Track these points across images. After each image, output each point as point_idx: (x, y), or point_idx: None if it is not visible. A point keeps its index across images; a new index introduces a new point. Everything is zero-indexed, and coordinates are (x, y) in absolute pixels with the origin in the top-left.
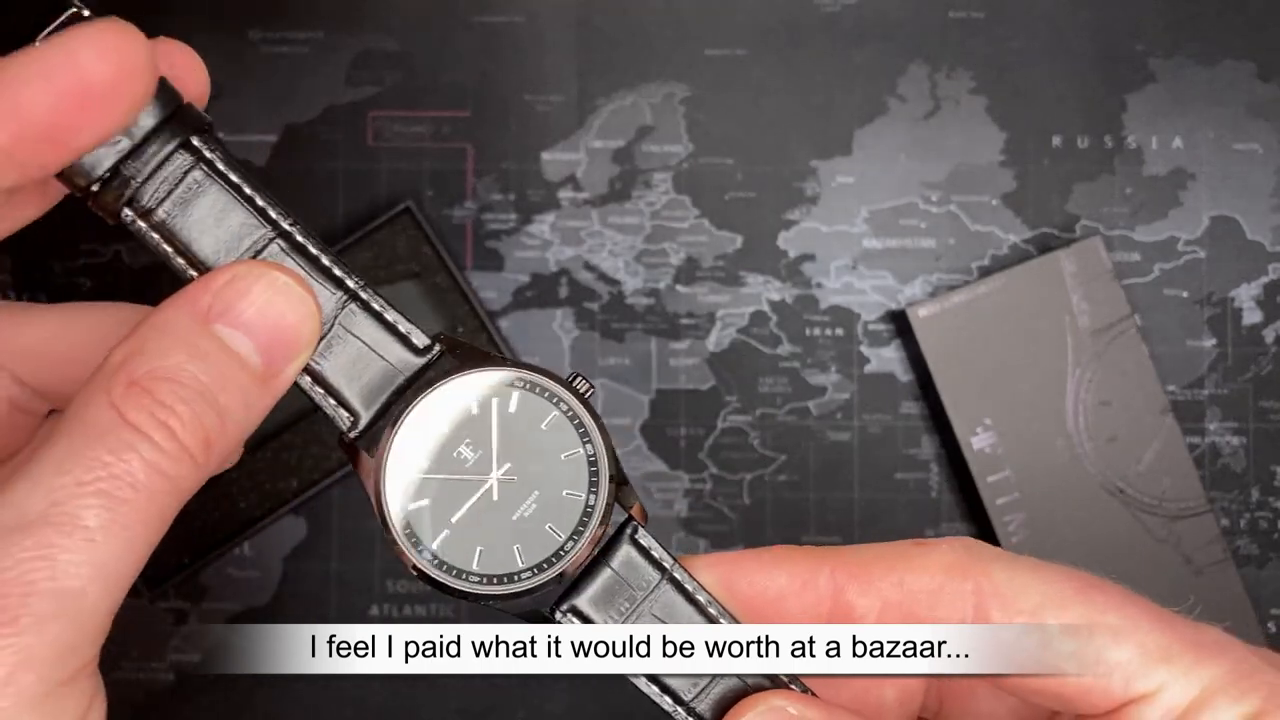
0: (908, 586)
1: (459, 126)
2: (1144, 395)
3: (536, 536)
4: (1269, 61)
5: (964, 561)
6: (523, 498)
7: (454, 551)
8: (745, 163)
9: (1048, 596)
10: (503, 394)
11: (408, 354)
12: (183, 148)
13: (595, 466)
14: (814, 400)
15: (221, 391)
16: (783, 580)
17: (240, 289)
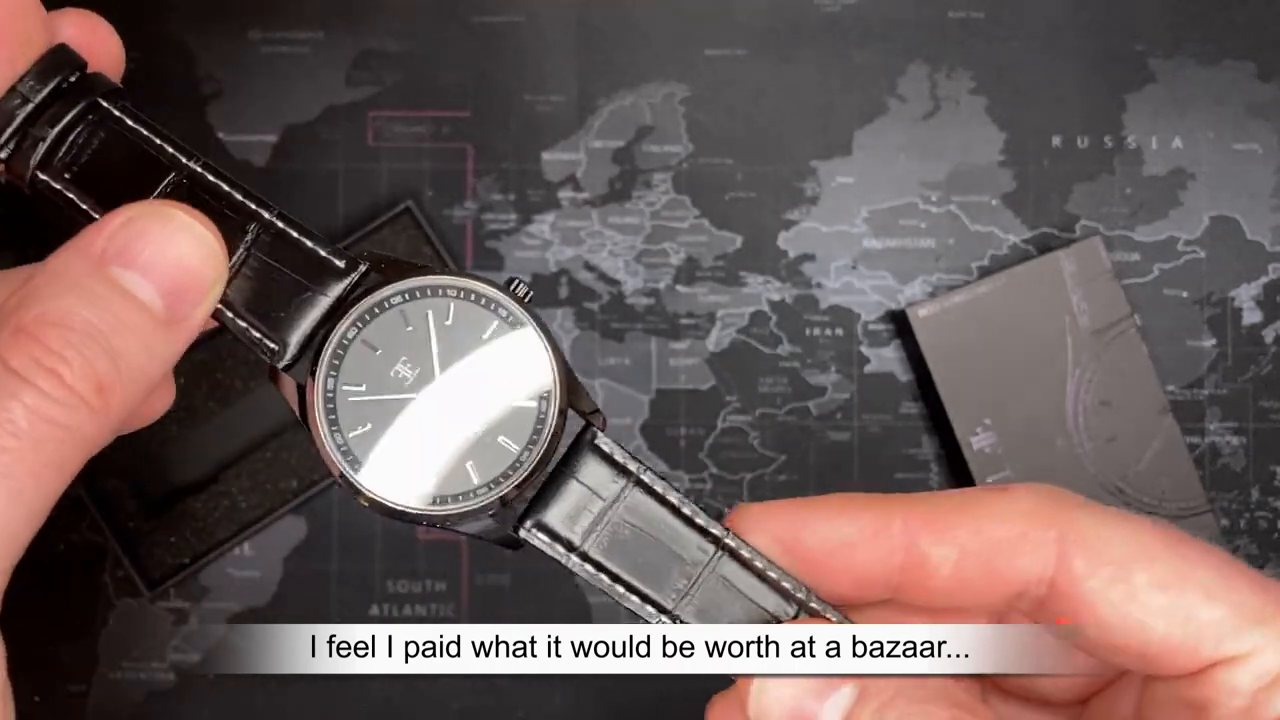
0: (986, 535)
1: (459, 126)
2: (1144, 395)
3: (489, 451)
4: (1269, 61)
5: (1047, 508)
6: (471, 413)
7: (404, 475)
8: (745, 163)
9: (1136, 548)
10: (437, 306)
11: (332, 278)
12: (90, 110)
13: (545, 373)
14: (814, 400)
15: (115, 335)
16: (852, 528)
17: (136, 230)
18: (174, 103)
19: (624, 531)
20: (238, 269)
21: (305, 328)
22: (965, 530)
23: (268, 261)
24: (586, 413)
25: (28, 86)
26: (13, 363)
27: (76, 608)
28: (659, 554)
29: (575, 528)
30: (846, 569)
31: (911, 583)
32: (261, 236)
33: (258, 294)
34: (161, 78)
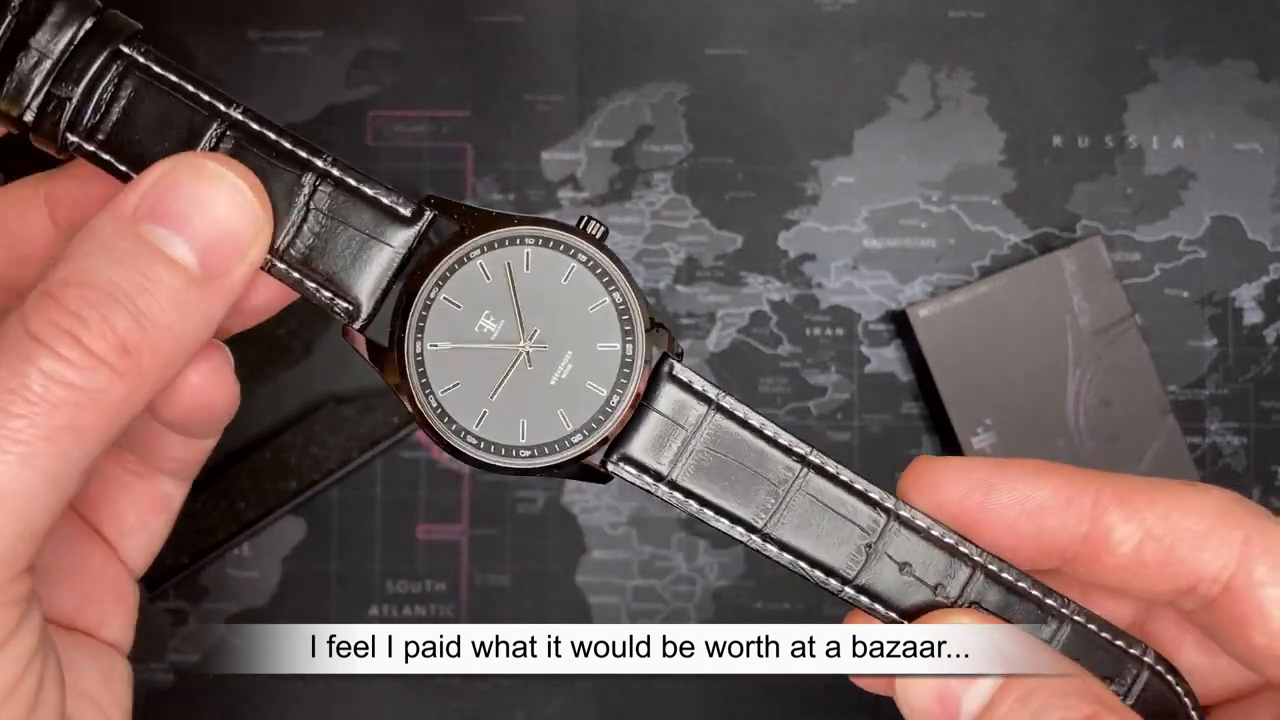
0: (1174, 522)
1: (459, 126)
2: (1145, 395)
3: (579, 397)
4: (1269, 61)
5: (1236, 511)
6: (557, 360)
7: (498, 429)
8: (745, 163)
9: None
10: (514, 255)
11: (398, 227)
12: (114, 58)
13: (626, 313)
14: (814, 400)
15: (141, 294)
16: (1046, 493)
17: (168, 184)
18: None
19: (708, 458)
20: (298, 226)
21: (376, 282)
22: (1155, 514)
23: (329, 215)
24: (663, 346)
25: (43, 42)
26: (31, 326)
27: None
28: (745, 476)
29: (661, 458)
30: (1034, 533)
31: (1089, 555)
32: (320, 188)
33: (322, 251)
34: None
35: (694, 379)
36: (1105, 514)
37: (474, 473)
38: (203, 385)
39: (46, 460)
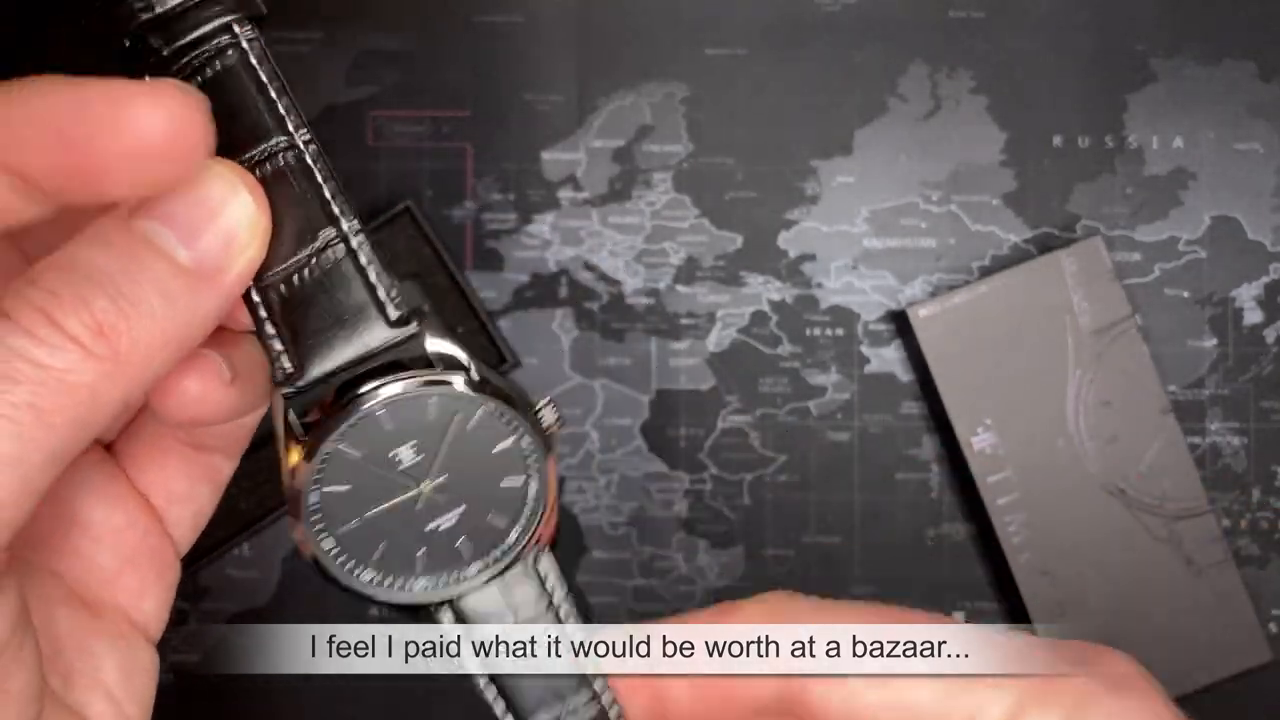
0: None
1: (459, 126)
2: (1145, 395)
3: (444, 550)
4: (1269, 61)
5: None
6: (445, 510)
7: (356, 544)
8: (745, 162)
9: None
10: (468, 409)
11: (380, 323)
12: (222, 31)
13: (525, 503)
14: (814, 400)
15: (124, 276)
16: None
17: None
18: None
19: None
20: (289, 271)
21: (330, 365)
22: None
23: (324, 277)
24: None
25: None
26: (4, 304)
27: None
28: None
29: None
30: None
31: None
32: (330, 247)
33: (297, 306)
34: None
35: (550, 574)
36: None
37: None
38: (201, 395)
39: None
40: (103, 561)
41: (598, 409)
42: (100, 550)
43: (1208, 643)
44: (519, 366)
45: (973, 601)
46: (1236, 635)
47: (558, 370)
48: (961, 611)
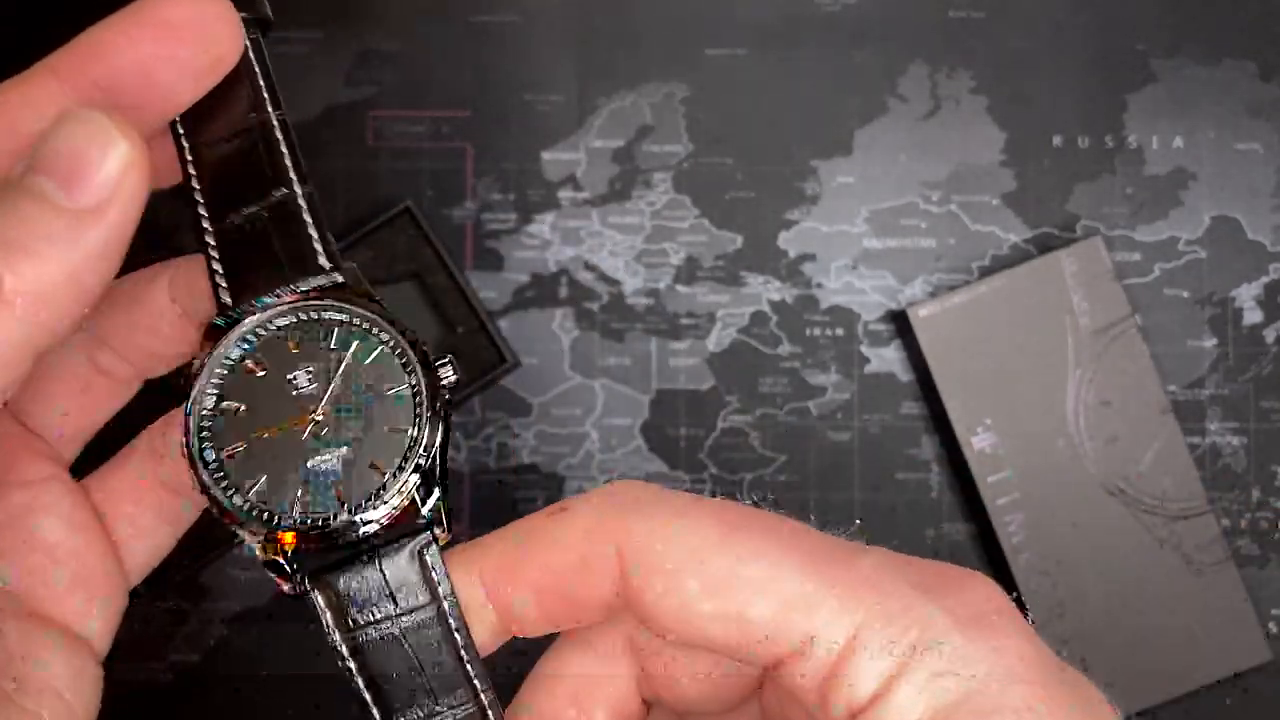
0: (554, 568)
1: (459, 126)
2: (1145, 395)
3: (321, 490)
4: (1270, 61)
5: (603, 521)
6: (329, 447)
7: (238, 469)
8: (745, 163)
9: (689, 550)
10: (365, 341)
11: (308, 270)
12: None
13: (411, 452)
14: (814, 400)
15: (8, 225)
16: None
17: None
18: None
19: (393, 644)
20: (245, 221)
21: (254, 295)
22: (533, 569)
23: (268, 230)
24: (433, 522)
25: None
26: None
27: None
28: (420, 683)
29: (358, 613)
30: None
31: (514, 628)
32: (281, 206)
33: (244, 250)
34: None
35: (436, 565)
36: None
37: (475, 473)
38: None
39: None
40: (56, 580)
41: (598, 409)
42: (56, 569)
43: (1208, 643)
44: (519, 366)
45: None
46: (1236, 635)
47: (558, 370)
48: None
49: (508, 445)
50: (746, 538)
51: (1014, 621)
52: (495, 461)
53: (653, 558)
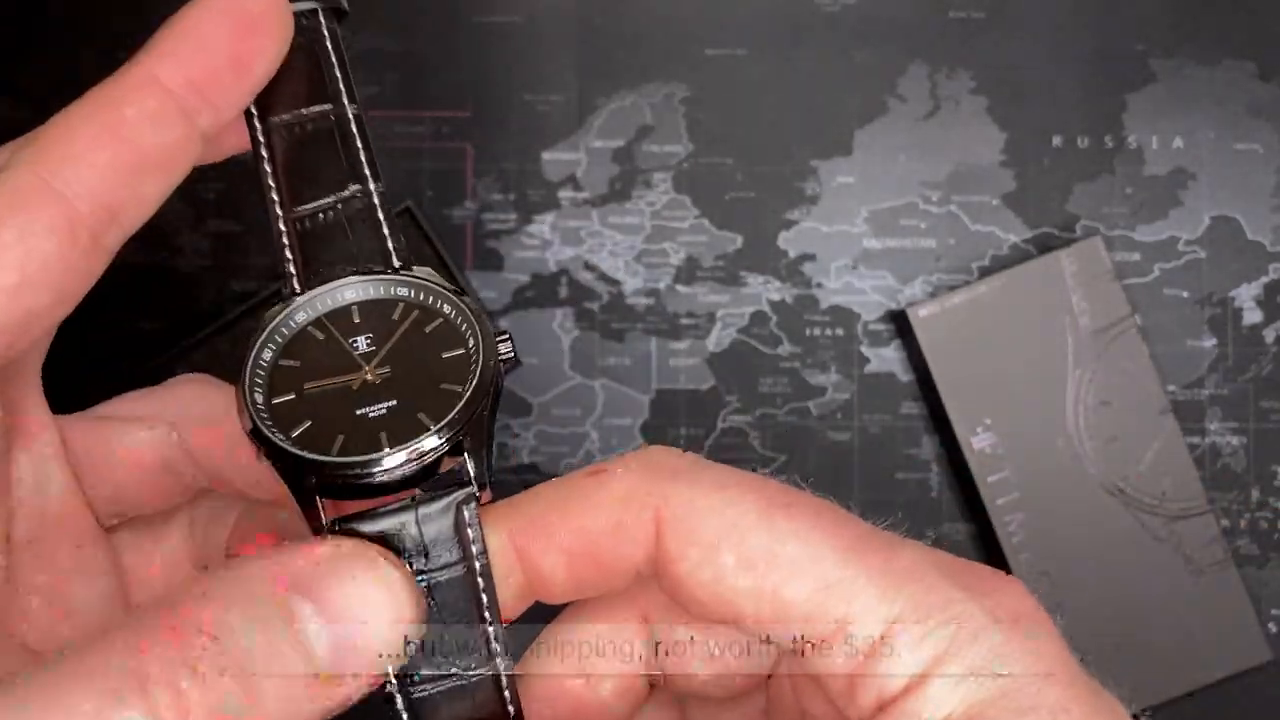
0: (588, 530)
1: (459, 126)
2: (1144, 395)
3: (365, 434)
4: (1269, 61)
5: (642, 487)
6: (378, 399)
7: (283, 415)
8: (745, 163)
9: (725, 525)
10: (430, 313)
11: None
12: (307, 15)
13: (462, 409)
14: (814, 400)
15: (263, 667)
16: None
17: (334, 567)
18: None
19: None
20: (319, 212)
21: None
22: (567, 531)
23: (343, 224)
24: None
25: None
26: (150, 668)
27: None
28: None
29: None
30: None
31: (540, 591)
32: (355, 199)
33: (317, 242)
34: None
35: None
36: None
37: None
38: None
39: None
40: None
41: (598, 409)
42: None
43: (1207, 643)
44: (519, 366)
45: None
46: (1236, 635)
47: (558, 370)
48: None
49: (508, 445)
50: (788, 516)
51: (1048, 626)
52: (495, 461)
53: (691, 528)
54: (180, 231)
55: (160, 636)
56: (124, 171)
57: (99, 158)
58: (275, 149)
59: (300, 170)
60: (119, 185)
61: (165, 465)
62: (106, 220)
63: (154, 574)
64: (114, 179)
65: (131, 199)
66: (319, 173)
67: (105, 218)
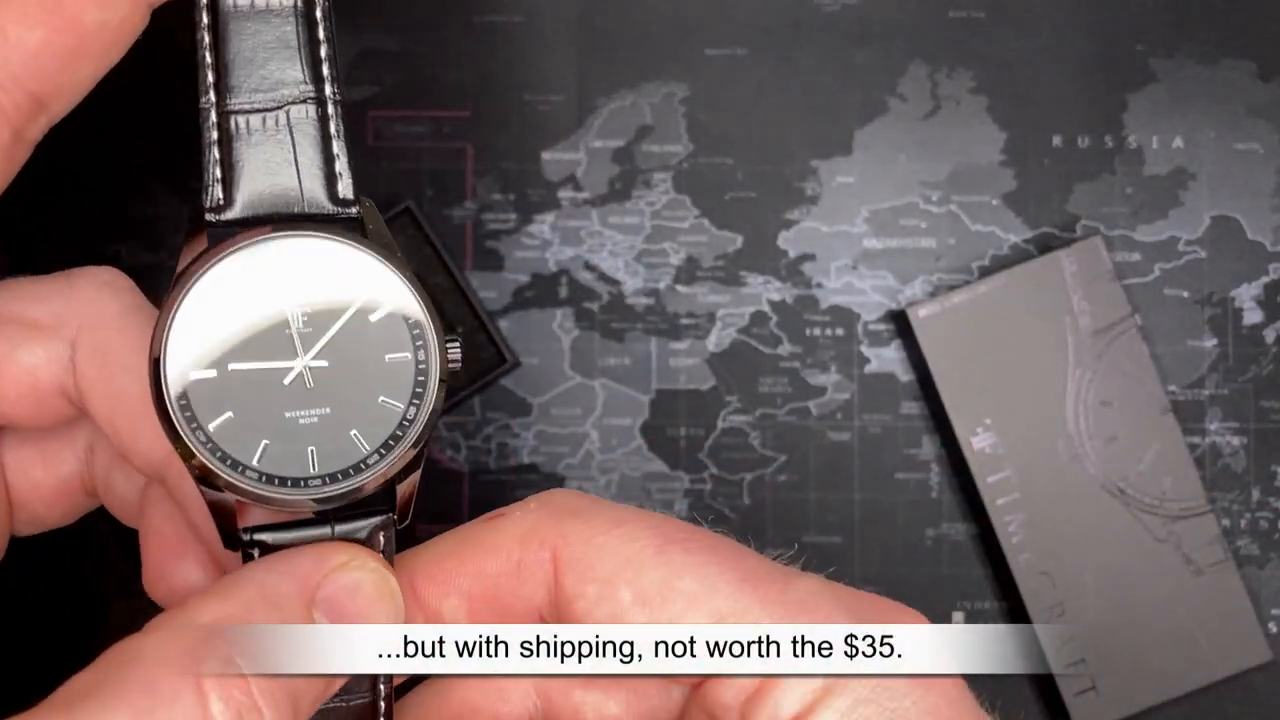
0: (487, 573)
1: (459, 126)
2: (1144, 395)
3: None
4: (1270, 61)
5: (540, 527)
6: (310, 403)
7: (203, 397)
8: (745, 162)
9: (622, 561)
10: (374, 303)
11: (322, 192)
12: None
13: (401, 431)
14: (814, 400)
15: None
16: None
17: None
18: (173, 102)
19: None
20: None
21: (260, 210)
22: (466, 575)
23: (290, 128)
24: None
25: None
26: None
27: (76, 607)
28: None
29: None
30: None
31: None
32: (306, 101)
33: (252, 147)
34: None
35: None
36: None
37: (475, 473)
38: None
39: None
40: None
41: (598, 409)
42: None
43: (1208, 643)
44: (519, 366)
45: (972, 601)
46: (1236, 635)
47: (558, 370)
48: (961, 611)
49: (508, 445)
50: (684, 550)
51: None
52: (495, 461)
53: (588, 565)
54: (180, 231)
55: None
56: (58, 56)
57: (30, 39)
58: (220, 30)
59: (246, 62)
60: (52, 72)
61: (61, 389)
62: (32, 112)
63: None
64: (46, 64)
65: (64, 86)
66: (268, 67)
67: (32, 109)
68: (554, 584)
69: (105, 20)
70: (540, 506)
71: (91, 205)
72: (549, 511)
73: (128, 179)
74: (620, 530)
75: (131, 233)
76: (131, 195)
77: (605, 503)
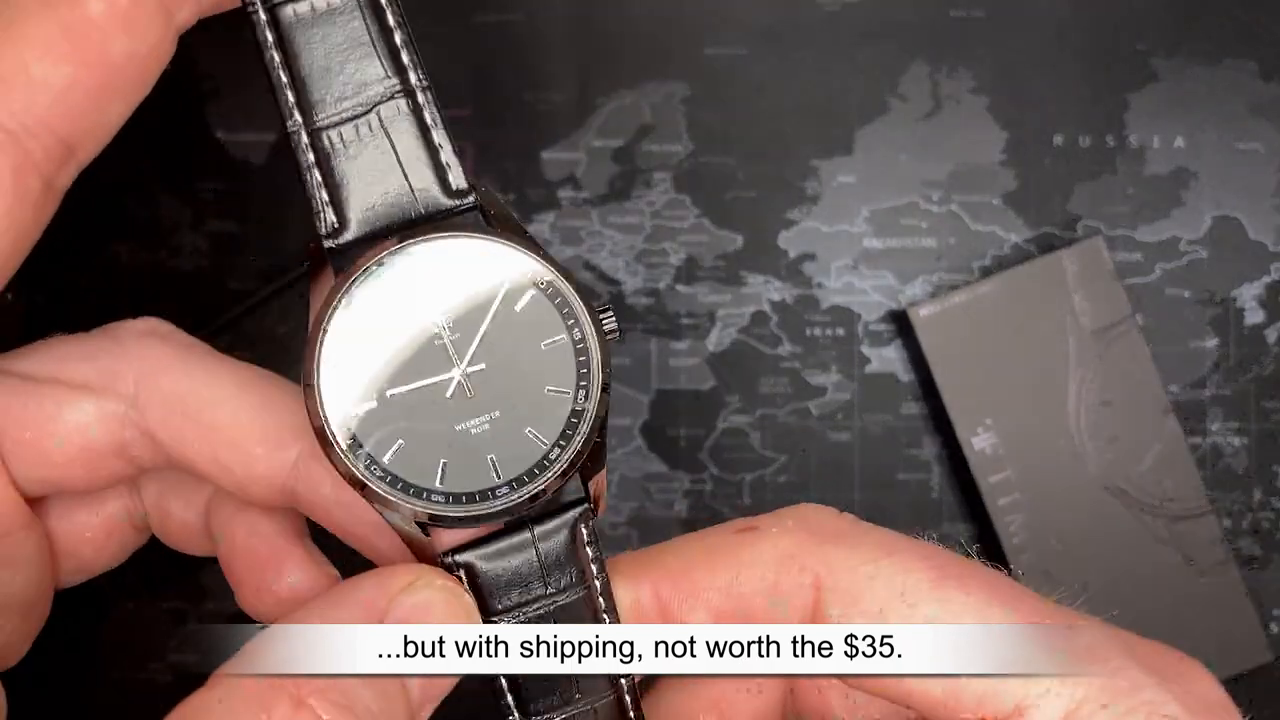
0: (738, 590)
1: (459, 126)
2: (1146, 395)
3: (472, 461)
4: (1271, 61)
5: (800, 548)
6: (477, 411)
7: (370, 428)
8: (746, 162)
9: (897, 593)
10: (515, 291)
11: (435, 187)
12: None
13: (575, 421)
14: (814, 400)
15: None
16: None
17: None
18: (172, 102)
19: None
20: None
21: (377, 224)
22: (715, 590)
23: (385, 130)
24: (591, 492)
25: None
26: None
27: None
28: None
29: (505, 597)
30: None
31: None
32: (397, 98)
33: (356, 156)
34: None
35: (594, 542)
36: (668, 605)
37: None
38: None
39: None
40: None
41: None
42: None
43: (1208, 643)
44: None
45: None
46: (1236, 635)
47: None
48: None
49: None
50: (961, 589)
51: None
52: None
53: (854, 597)
54: (179, 231)
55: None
56: (87, 95)
57: (56, 76)
58: (287, 41)
59: (319, 66)
60: (80, 113)
61: (118, 449)
62: (62, 158)
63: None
64: (75, 104)
65: (93, 128)
66: (344, 70)
67: (60, 155)
68: (813, 612)
69: (134, 50)
70: (798, 525)
71: (91, 205)
72: (809, 532)
73: (128, 179)
74: (891, 560)
75: (131, 233)
76: (131, 195)
77: (869, 526)
